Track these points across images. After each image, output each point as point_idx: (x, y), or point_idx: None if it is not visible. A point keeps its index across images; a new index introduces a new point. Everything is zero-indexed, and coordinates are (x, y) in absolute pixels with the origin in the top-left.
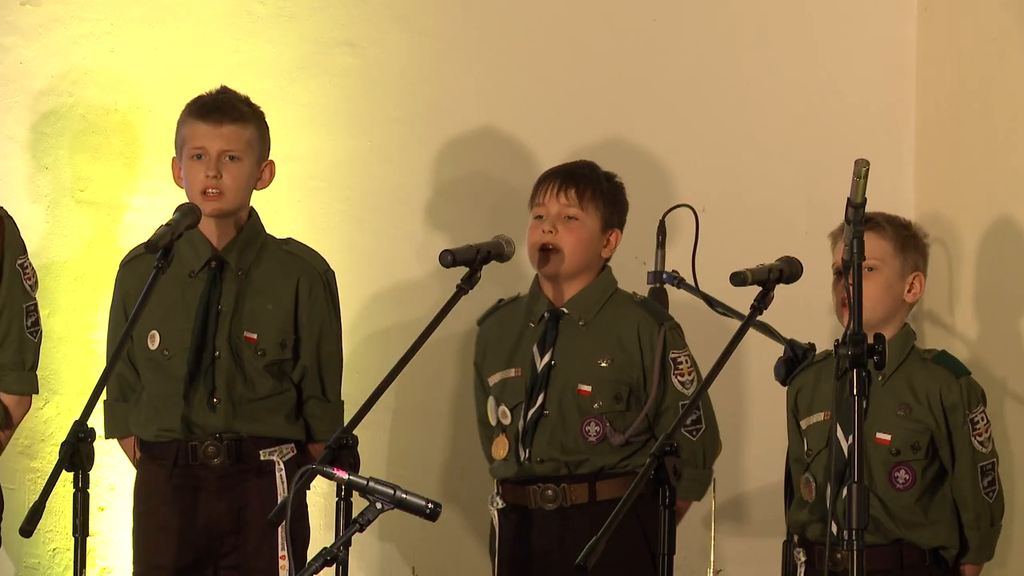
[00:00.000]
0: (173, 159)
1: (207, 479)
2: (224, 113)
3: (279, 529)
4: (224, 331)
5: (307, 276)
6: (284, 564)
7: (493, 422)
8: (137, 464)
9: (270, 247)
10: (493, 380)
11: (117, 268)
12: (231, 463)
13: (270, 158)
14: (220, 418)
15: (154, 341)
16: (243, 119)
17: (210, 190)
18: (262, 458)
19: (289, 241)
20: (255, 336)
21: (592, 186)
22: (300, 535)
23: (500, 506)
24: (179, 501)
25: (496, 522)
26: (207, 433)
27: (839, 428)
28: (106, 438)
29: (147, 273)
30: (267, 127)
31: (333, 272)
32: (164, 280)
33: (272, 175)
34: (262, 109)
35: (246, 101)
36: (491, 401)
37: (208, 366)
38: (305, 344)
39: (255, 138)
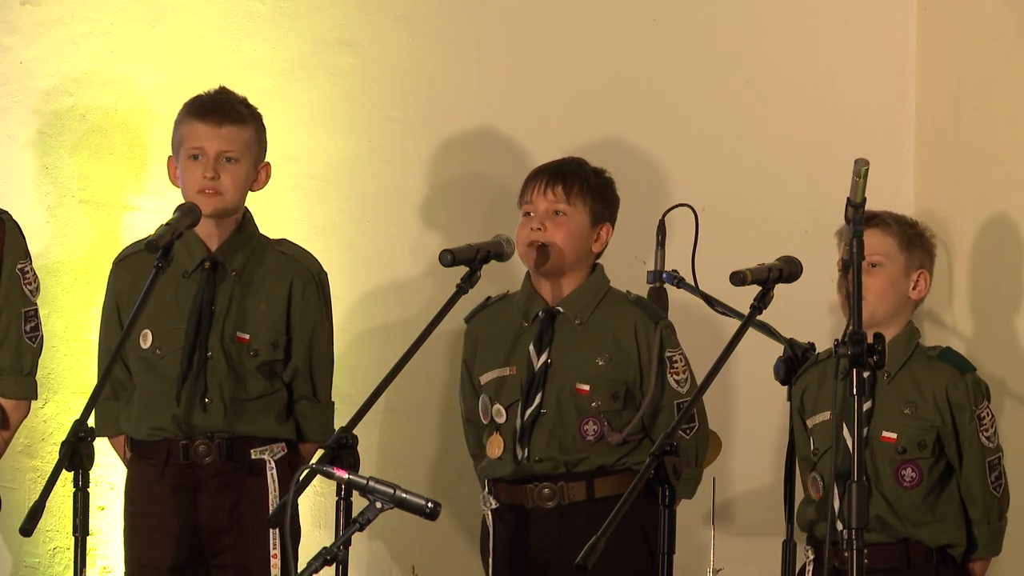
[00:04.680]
0: (169, 158)
1: (198, 478)
2: (224, 114)
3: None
4: (217, 332)
5: (300, 277)
6: (276, 563)
7: (486, 420)
8: (128, 464)
9: (264, 248)
10: (486, 378)
11: None
12: (222, 462)
13: (267, 160)
14: (212, 418)
15: (146, 340)
16: (242, 120)
17: (207, 189)
18: (253, 457)
19: (283, 242)
20: (247, 337)
21: (579, 181)
22: (292, 533)
23: (493, 506)
24: (170, 500)
25: (490, 522)
26: (198, 432)
27: (844, 426)
28: (96, 436)
29: (140, 271)
30: (264, 128)
31: (326, 273)
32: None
33: (268, 177)
34: (260, 110)
35: (244, 102)
36: (483, 399)
37: (200, 366)
38: (297, 345)
39: (253, 140)
